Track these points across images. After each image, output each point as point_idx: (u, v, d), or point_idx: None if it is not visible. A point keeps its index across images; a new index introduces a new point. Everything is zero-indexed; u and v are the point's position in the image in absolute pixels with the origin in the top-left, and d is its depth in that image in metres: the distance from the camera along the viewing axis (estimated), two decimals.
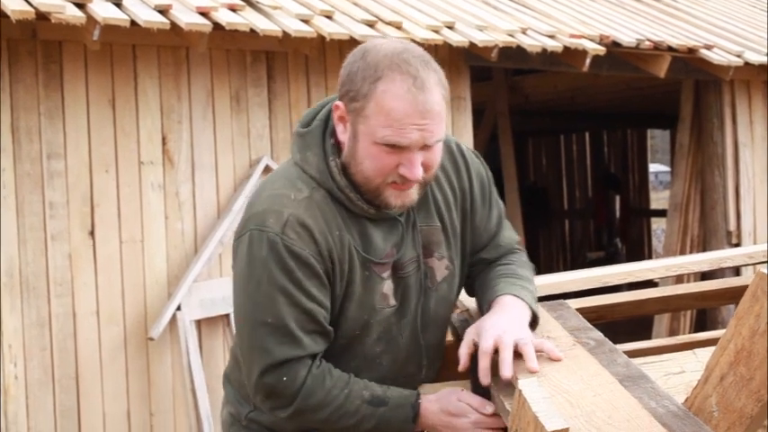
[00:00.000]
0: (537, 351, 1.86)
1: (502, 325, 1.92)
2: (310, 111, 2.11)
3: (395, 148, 1.91)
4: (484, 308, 2.08)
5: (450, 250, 2.15)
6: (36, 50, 4.55)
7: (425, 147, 1.92)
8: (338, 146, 2.02)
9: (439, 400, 2.03)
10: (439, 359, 2.25)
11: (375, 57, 1.92)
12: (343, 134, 1.99)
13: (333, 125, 2.03)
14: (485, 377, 1.90)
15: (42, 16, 4.12)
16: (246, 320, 2.02)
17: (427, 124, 1.89)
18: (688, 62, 6.91)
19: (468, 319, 2.29)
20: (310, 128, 2.05)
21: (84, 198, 4.68)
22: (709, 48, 6.82)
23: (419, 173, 1.92)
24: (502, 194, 8.61)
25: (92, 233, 4.70)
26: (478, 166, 2.21)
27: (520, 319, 1.98)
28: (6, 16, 4.05)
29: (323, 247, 1.96)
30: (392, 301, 2.08)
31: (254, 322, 1.99)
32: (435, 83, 1.91)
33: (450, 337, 2.38)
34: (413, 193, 1.99)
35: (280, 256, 1.93)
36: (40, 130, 4.56)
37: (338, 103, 1.98)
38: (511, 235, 2.28)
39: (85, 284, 4.68)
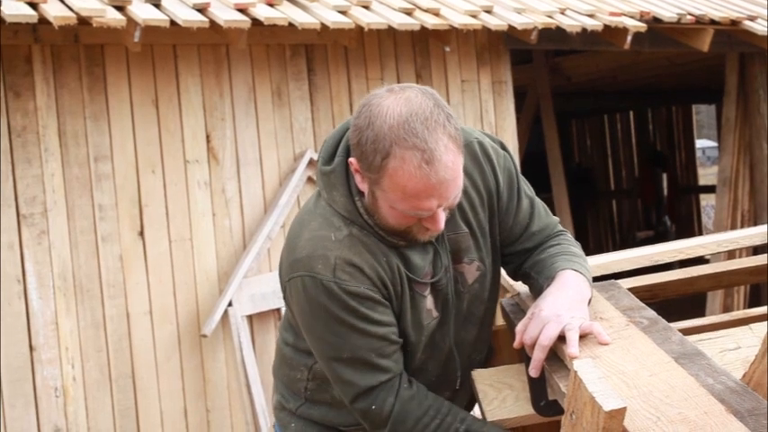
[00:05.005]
0: (587, 334, 1.85)
1: (558, 307, 1.92)
2: (329, 143, 2.06)
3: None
4: (543, 285, 2.08)
5: (481, 251, 2.16)
6: (79, 55, 4.60)
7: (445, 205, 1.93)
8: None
9: None
10: (480, 353, 2.29)
11: (381, 128, 1.85)
12: (361, 184, 1.97)
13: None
14: (535, 369, 1.90)
15: (83, 21, 4.17)
16: (324, 358, 2.08)
17: (443, 191, 1.87)
18: (731, 34, 6.81)
19: (519, 303, 2.29)
20: (333, 165, 2.01)
21: (132, 199, 4.73)
22: (752, 19, 6.71)
23: (442, 225, 1.95)
24: (547, 177, 8.61)
25: (141, 233, 4.75)
26: (504, 160, 2.17)
27: (579, 298, 1.99)
28: (49, 23, 4.10)
29: (375, 278, 1.99)
30: (435, 313, 2.12)
31: (332, 359, 2.05)
32: (445, 145, 1.85)
33: (501, 322, 2.38)
34: (440, 226, 1.97)
35: (339, 299, 1.97)
36: (87, 134, 4.62)
37: (353, 161, 1.95)
38: (547, 220, 2.25)
39: (137, 285, 4.73)
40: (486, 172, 2.13)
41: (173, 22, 4.38)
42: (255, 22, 4.62)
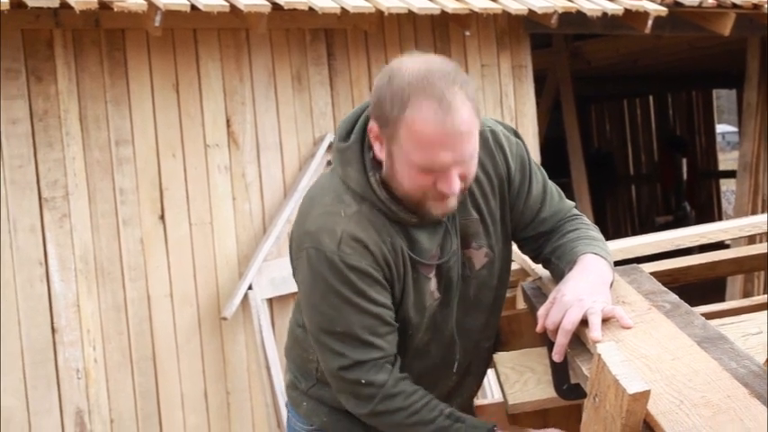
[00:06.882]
0: (609, 317, 1.85)
1: (579, 291, 1.92)
2: (346, 121, 2.12)
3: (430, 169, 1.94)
4: (565, 270, 2.08)
5: (490, 238, 2.18)
6: (100, 39, 4.61)
7: (460, 163, 1.94)
8: (377, 160, 2.04)
9: (514, 430, 2.14)
10: (488, 339, 2.31)
11: (400, 82, 1.92)
12: (380, 152, 2.01)
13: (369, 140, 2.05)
14: (558, 354, 1.90)
15: (105, 5, 4.18)
16: (317, 330, 2.09)
17: (457, 144, 1.90)
18: (753, 18, 6.76)
19: (541, 287, 2.29)
20: (349, 143, 2.07)
21: (152, 183, 4.75)
22: None
23: (456, 188, 1.95)
24: (566, 162, 8.59)
25: (162, 217, 4.77)
26: (516, 147, 2.20)
27: (601, 281, 1.99)
28: (70, 7, 4.11)
29: (378, 256, 2.01)
30: (437, 295, 2.14)
31: (325, 332, 2.07)
32: (462, 101, 1.89)
33: (522, 305, 2.39)
34: (453, 201, 2.01)
35: (339, 271, 1.99)
36: (108, 118, 4.63)
37: (372, 125, 2.00)
38: (560, 205, 2.27)
39: (158, 268, 4.76)
40: (498, 159, 2.16)
41: (193, 7, 4.38)
42: (275, 6, 4.61)
